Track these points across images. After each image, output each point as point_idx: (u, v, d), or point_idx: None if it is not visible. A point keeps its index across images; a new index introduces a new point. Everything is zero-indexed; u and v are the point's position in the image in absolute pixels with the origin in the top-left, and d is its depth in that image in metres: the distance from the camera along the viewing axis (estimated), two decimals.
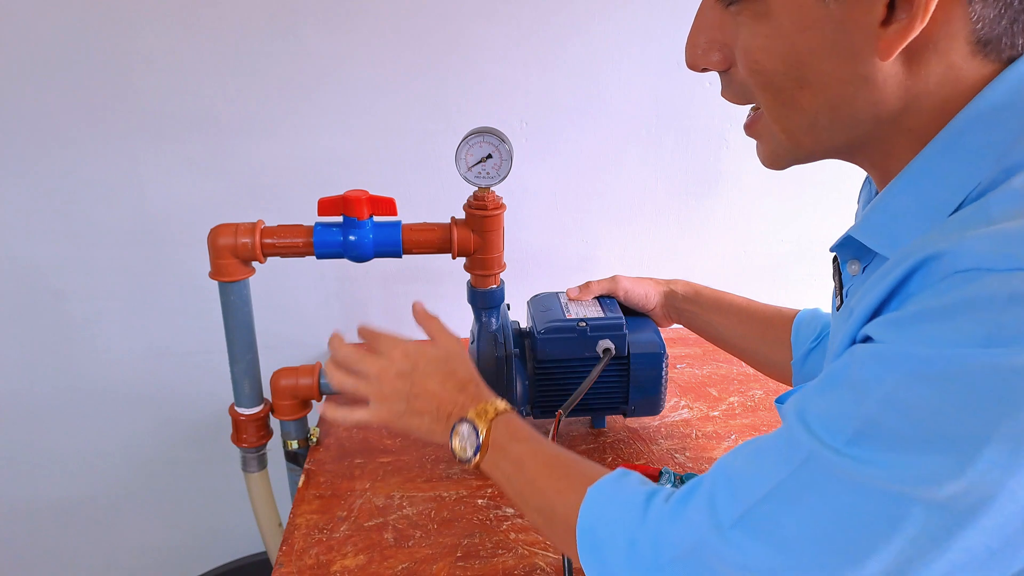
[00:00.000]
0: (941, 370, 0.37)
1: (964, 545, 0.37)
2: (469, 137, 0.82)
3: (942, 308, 0.38)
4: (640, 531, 0.49)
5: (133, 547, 1.40)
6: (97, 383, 1.26)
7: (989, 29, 0.42)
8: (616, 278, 0.96)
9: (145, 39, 1.06)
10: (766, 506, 0.42)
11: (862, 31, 0.42)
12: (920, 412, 0.37)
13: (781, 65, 0.45)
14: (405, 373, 0.70)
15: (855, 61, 0.43)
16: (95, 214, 1.15)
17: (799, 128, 0.48)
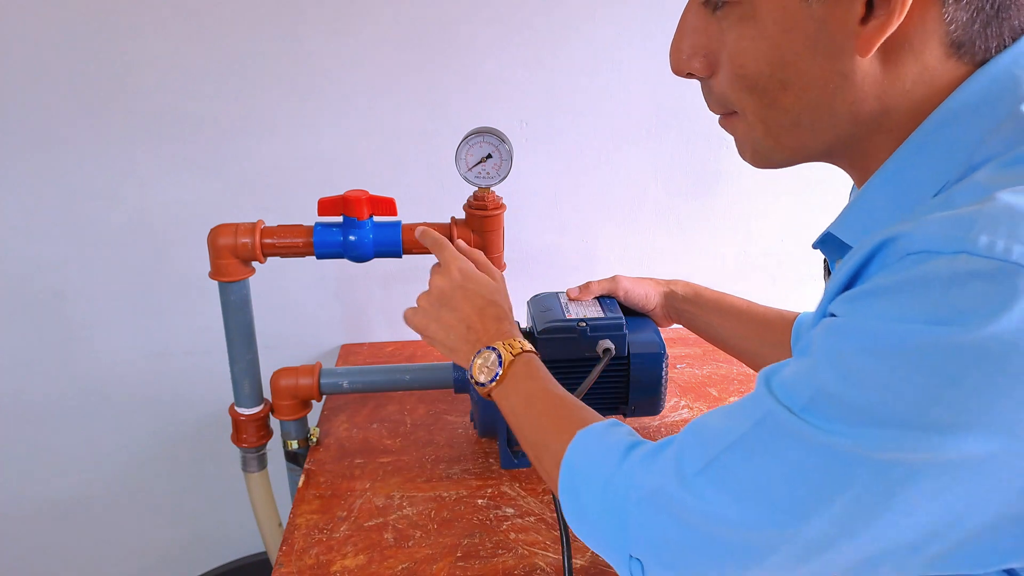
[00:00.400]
0: (888, 344, 0.39)
1: (904, 509, 0.39)
2: (469, 137, 0.82)
3: (892, 286, 0.40)
4: (615, 473, 0.53)
5: (133, 547, 1.40)
6: (97, 383, 1.26)
7: (963, 32, 0.43)
8: (616, 278, 0.96)
9: (145, 39, 1.06)
10: (726, 458, 0.45)
11: (842, 29, 0.44)
12: (867, 384, 0.39)
13: (766, 67, 0.47)
14: (455, 287, 0.73)
15: (836, 59, 0.45)
16: (95, 214, 1.15)
17: (781, 129, 0.50)
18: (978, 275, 0.37)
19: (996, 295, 0.37)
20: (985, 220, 0.38)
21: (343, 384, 0.95)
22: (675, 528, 0.47)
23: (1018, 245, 0.37)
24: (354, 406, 1.07)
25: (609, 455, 0.54)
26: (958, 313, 0.37)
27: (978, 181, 0.42)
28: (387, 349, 1.27)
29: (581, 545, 0.80)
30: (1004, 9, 0.43)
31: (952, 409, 0.37)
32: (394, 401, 1.09)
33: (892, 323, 0.39)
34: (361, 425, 1.03)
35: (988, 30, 0.44)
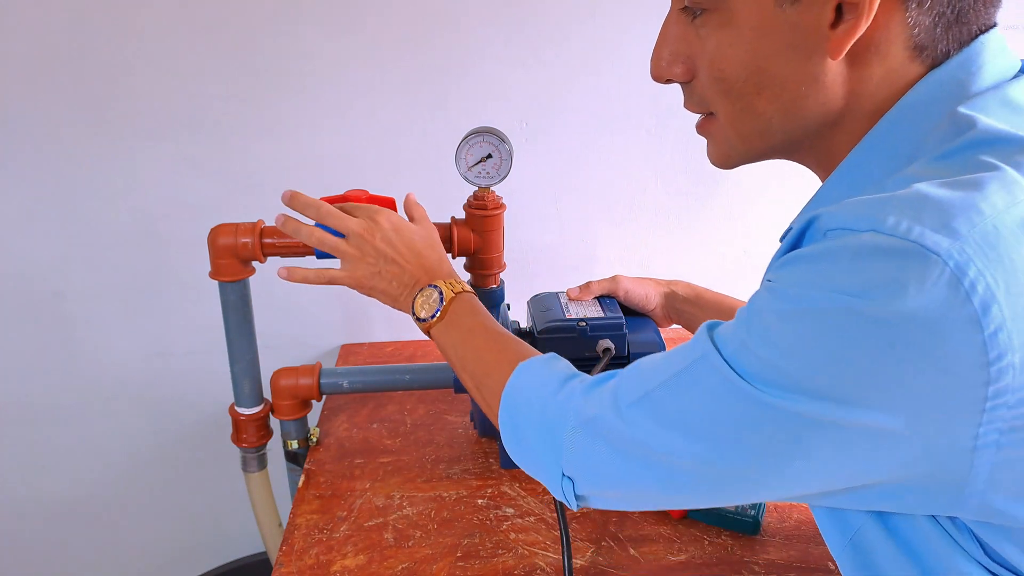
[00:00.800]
0: (799, 308, 0.42)
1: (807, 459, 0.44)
2: (469, 137, 0.82)
3: (809, 256, 0.44)
4: (552, 401, 0.57)
5: (133, 547, 1.40)
6: (97, 383, 1.26)
7: (925, 35, 0.46)
8: (617, 278, 0.96)
9: (145, 39, 1.06)
10: (660, 392, 0.49)
11: (814, 32, 0.47)
12: (779, 344, 0.43)
13: (743, 71, 0.50)
14: (389, 238, 0.73)
15: (808, 62, 0.48)
16: (95, 214, 1.15)
17: (753, 132, 0.53)
18: (882, 251, 0.40)
19: (897, 274, 0.39)
20: (896, 203, 0.41)
21: (343, 384, 0.95)
22: (607, 452, 0.52)
23: (918, 226, 0.39)
24: (354, 406, 1.08)
25: (548, 385, 0.58)
26: (862, 286, 0.40)
27: (908, 173, 0.45)
28: (387, 349, 1.27)
29: (581, 545, 0.80)
30: (964, 14, 0.46)
31: (850, 383, 0.41)
32: (394, 401, 1.09)
33: (804, 289, 0.42)
34: (361, 425, 1.03)
35: (949, 34, 0.47)
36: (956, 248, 0.38)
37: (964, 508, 0.43)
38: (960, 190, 0.41)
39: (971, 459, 0.41)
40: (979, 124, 0.44)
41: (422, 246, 0.74)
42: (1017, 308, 0.38)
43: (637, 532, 0.82)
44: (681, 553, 0.80)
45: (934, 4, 0.45)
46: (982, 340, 0.38)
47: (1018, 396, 0.39)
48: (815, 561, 0.78)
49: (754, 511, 0.81)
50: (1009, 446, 0.40)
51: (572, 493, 0.56)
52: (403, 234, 0.74)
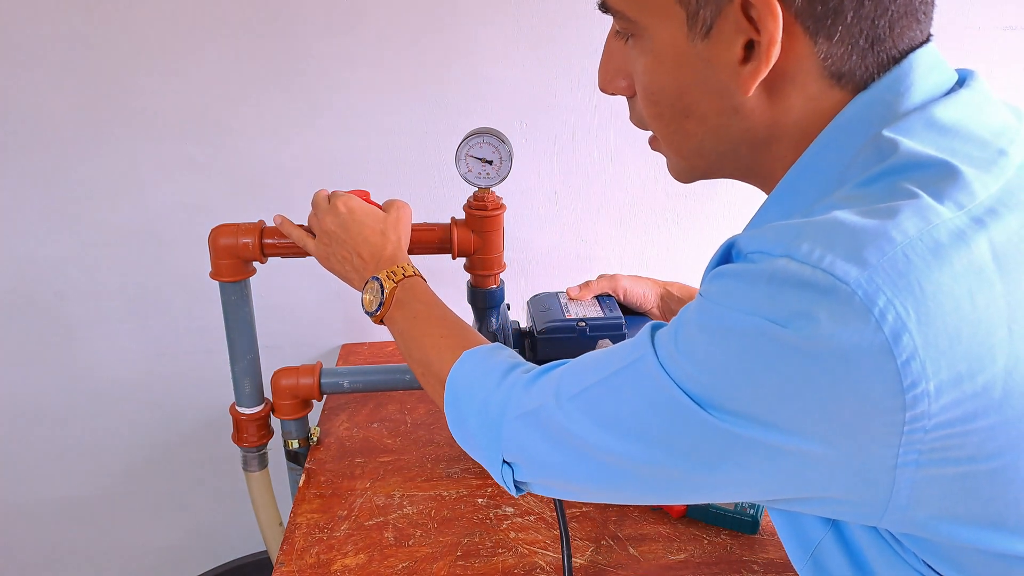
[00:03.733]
0: (724, 326, 0.43)
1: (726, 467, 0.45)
2: (469, 137, 0.83)
3: (731, 274, 0.45)
4: (494, 392, 0.58)
5: (133, 546, 1.40)
6: (98, 383, 1.26)
7: (840, 63, 0.46)
8: (616, 277, 0.96)
9: (146, 39, 1.06)
10: (598, 388, 0.50)
11: (726, 68, 0.47)
12: (705, 359, 0.44)
13: (667, 96, 0.51)
14: (342, 222, 0.76)
15: (724, 95, 0.49)
16: (96, 214, 1.15)
17: (689, 152, 0.54)
18: (795, 279, 0.40)
19: (810, 303, 0.39)
20: (812, 230, 0.41)
21: (343, 384, 0.95)
22: (545, 443, 0.53)
23: (830, 254, 0.39)
24: (354, 405, 1.08)
25: (491, 373, 0.60)
26: (778, 313, 0.40)
27: (832, 200, 0.46)
28: (387, 349, 1.27)
29: (581, 544, 0.81)
30: (879, 41, 0.45)
31: (768, 406, 0.42)
32: (394, 400, 1.09)
33: (726, 307, 0.43)
34: (361, 424, 1.03)
35: (866, 60, 0.46)
36: (865, 277, 0.39)
37: (892, 522, 0.44)
38: (874, 218, 0.41)
39: (892, 477, 0.41)
40: (901, 148, 0.44)
41: (371, 231, 0.76)
42: (929, 336, 0.38)
43: (637, 531, 0.83)
44: (680, 552, 0.80)
45: (843, 36, 0.45)
46: (895, 368, 0.38)
47: (935, 421, 0.39)
48: None
49: (753, 510, 0.82)
50: (928, 465, 0.41)
51: (511, 479, 0.57)
52: (356, 216, 0.76)
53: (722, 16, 0.46)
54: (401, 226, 0.79)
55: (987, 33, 1.17)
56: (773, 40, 0.44)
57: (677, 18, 0.48)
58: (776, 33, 0.44)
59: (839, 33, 0.45)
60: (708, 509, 0.82)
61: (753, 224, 0.54)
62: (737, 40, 0.46)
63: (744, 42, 0.46)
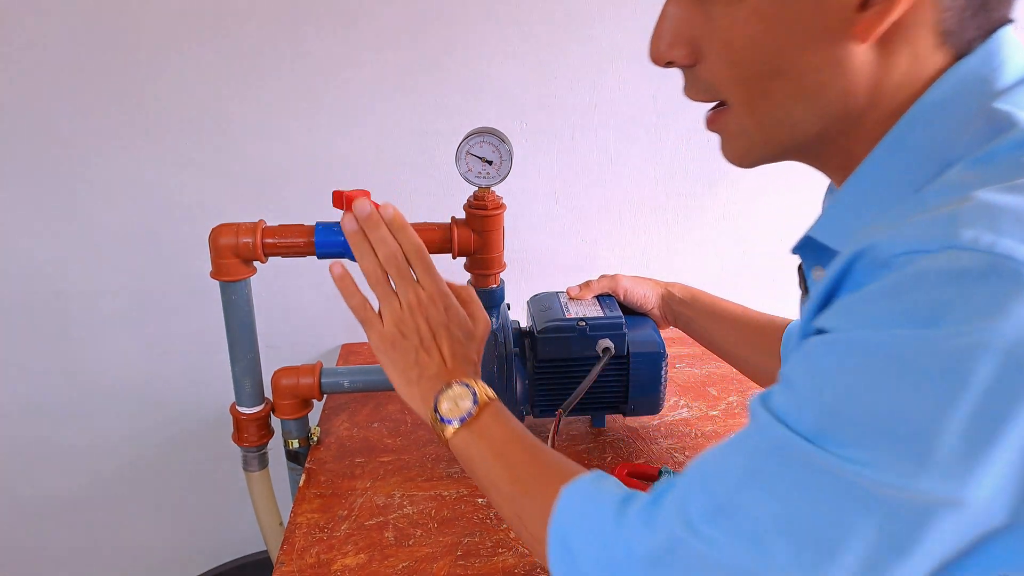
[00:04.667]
0: (888, 353, 0.37)
1: (931, 542, 0.37)
2: (469, 137, 0.83)
3: (881, 291, 0.38)
4: (614, 535, 0.48)
5: (134, 546, 1.40)
6: (98, 382, 1.26)
7: (954, 20, 0.43)
8: (616, 277, 0.97)
9: (147, 40, 1.06)
10: (737, 497, 0.41)
11: (840, 13, 0.43)
12: (874, 401, 0.37)
13: (759, 53, 0.45)
14: (442, 324, 0.65)
15: (832, 45, 0.44)
16: (96, 214, 1.15)
17: (773, 121, 0.48)
18: (969, 271, 0.35)
19: (993, 294, 0.35)
20: (966, 216, 0.37)
21: (344, 383, 0.95)
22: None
23: (1003, 238, 0.36)
24: (355, 405, 1.08)
25: (603, 513, 0.49)
26: (953, 314, 0.35)
27: (951, 180, 0.42)
28: None
29: None
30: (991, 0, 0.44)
31: (965, 428, 0.35)
32: (395, 400, 1.09)
33: (887, 330, 0.37)
34: (362, 424, 1.03)
35: (975, 20, 0.44)
36: None
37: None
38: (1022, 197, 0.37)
39: None
40: (1020, 122, 0.41)
41: (462, 349, 0.66)
42: None
43: None
44: None
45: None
46: None
47: None
48: None
49: None
50: None
51: None
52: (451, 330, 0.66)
53: None
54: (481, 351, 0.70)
55: None
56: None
57: None
58: None
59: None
60: None
61: (835, 209, 0.49)
62: None
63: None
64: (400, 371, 0.66)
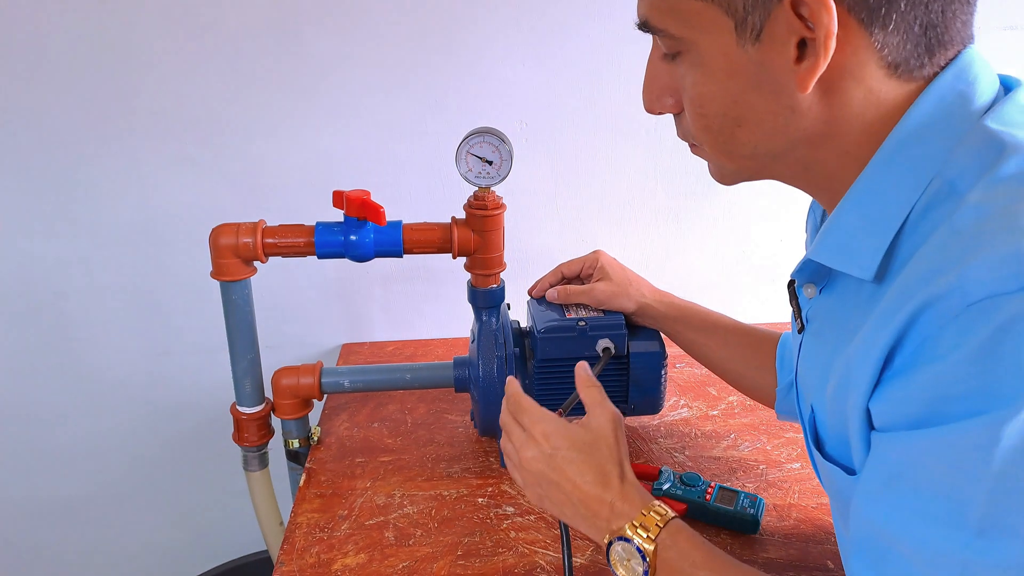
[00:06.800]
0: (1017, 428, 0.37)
1: None
2: (469, 137, 0.83)
3: (979, 347, 0.39)
4: None
5: (133, 546, 1.40)
6: (98, 383, 1.26)
7: (896, 53, 0.46)
8: (593, 288, 0.91)
9: (146, 39, 1.06)
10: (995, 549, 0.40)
11: (780, 69, 0.47)
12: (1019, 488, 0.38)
13: (720, 107, 0.51)
14: (544, 456, 0.62)
15: (780, 96, 0.48)
16: (97, 214, 1.15)
17: (742, 156, 0.53)
18: None
19: None
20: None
21: (344, 383, 0.95)
22: None
23: None
24: (355, 405, 1.08)
25: None
26: None
27: (976, 202, 0.43)
28: (388, 348, 1.27)
29: (581, 544, 0.81)
30: (932, 27, 0.46)
31: None
32: (395, 400, 1.09)
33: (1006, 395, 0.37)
34: (362, 424, 1.03)
35: (920, 47, 0.46)
36: None
37: None
38: None
39: None
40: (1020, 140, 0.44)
41: (582, 467, 0.61)
42: None
43: None
44: None
45: (898, 24, 0.45)
46: None
47: None
48: (814, 560, 0.78)
49: (753, 510, 0.82)
50: None
51: None
52: (560, 452, 0.62)
53: (772, 18, 0.45)
54: (618, 446, 0.63)
55: (987, 33, 1.16)
56: (829, 34, 0.44)
57: (725, 28, 0.47)
58: (832, 27, 0.44)
59: (894, 21, 0.45)
60: (708, 508, 0.82)
61: (832, 231, 0.51)
62: (790, 40, 0.46)
63: (797, 41, 0.45)
64: (564, 517, 0.63)
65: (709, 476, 0.90)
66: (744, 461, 0.94)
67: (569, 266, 0.96)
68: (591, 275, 0.94)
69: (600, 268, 0.93)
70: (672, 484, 0.85)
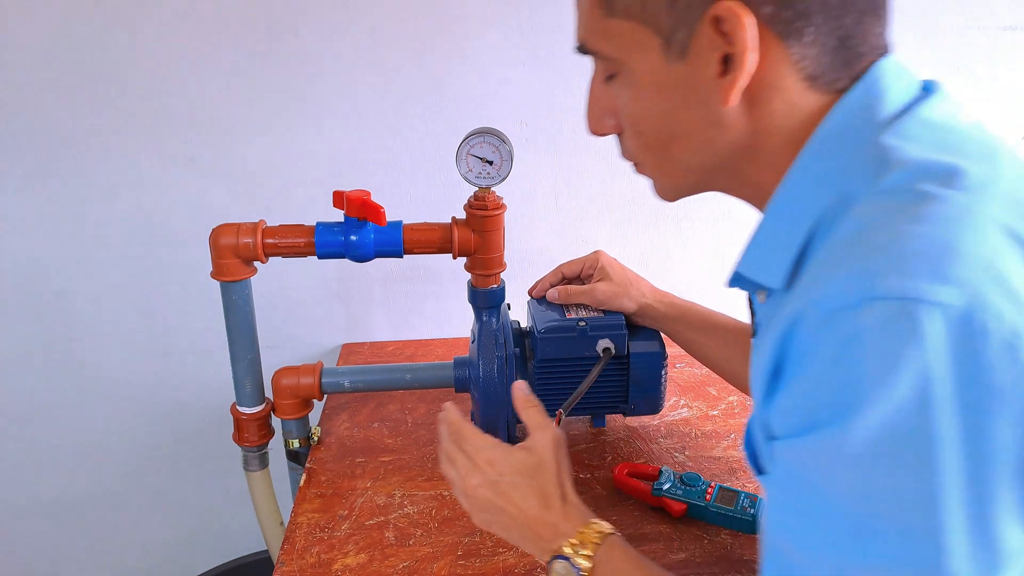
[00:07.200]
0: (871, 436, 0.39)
1: None
2: (469, 137, 0.83)
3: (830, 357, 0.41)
4: None
5: (134, 546, 1.40)
6: (99, 382, 1.26)
7: (814, 65, 0.48)
8: (594, 288, 0.91)
9: (146, 39, 1.06)
10: None
11: (706, 84, 0.49)
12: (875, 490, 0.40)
13: (654, 123, 0.53)
14: (490, 483, 0.63)
15: (706, 109, 0.50)
16: (97, 214, 1.15)
17: (677, 171, 0.56)
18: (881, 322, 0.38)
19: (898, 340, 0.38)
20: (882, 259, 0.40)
21: (344, 383, 0.95)
22: None
23: (911, 280, 0.38)
24: (355, 405, 1.08)
25: None
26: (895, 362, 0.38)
27: (856, 215, 0.45)
28: (388, 348, 1.27)
29: None
30: (848, 39, 0.47)
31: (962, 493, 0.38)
32: (395, 400, 1.09)
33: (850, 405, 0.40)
34: (362, 424, 1.03)
35: (838, 59, 0.48)
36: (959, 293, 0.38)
37: None
38: (928, 225, 0.41)
39: None
40: (904, 153, 0.45)
41: (526, 490, 0.62)
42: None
43: (637, 531, 0.83)
44: (681, 551, 0.80)
45: (814, 37, 0.47)
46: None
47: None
48: None
49: (753, 509, 0.82)
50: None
51: None
52: (505, 478, 0.63)
53: (695, 35, 0.47)
54: (559, 468, 0.64)
55: (987, 33, 1.17)
56: (746, 48, 0.46)
57: (653, 46, 0.49)
58: (748, 41, 0.45)
59: (810, 35, 0.47)
60: (708, 508, 0.83)
61: (753, 244, 0.53)
62: (713, 56, 0.47)
63: (720, 56, 0.47)
64: (511, 539, 0.64)
65: (709, 476, 0.90)
66: (744, 461, 0.94)
67: (569, 266, 0.96)
68: (591, 275, 0.94)
69: (600, 268, 0.93)
70: (672, 484, 0.85)
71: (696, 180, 0.56)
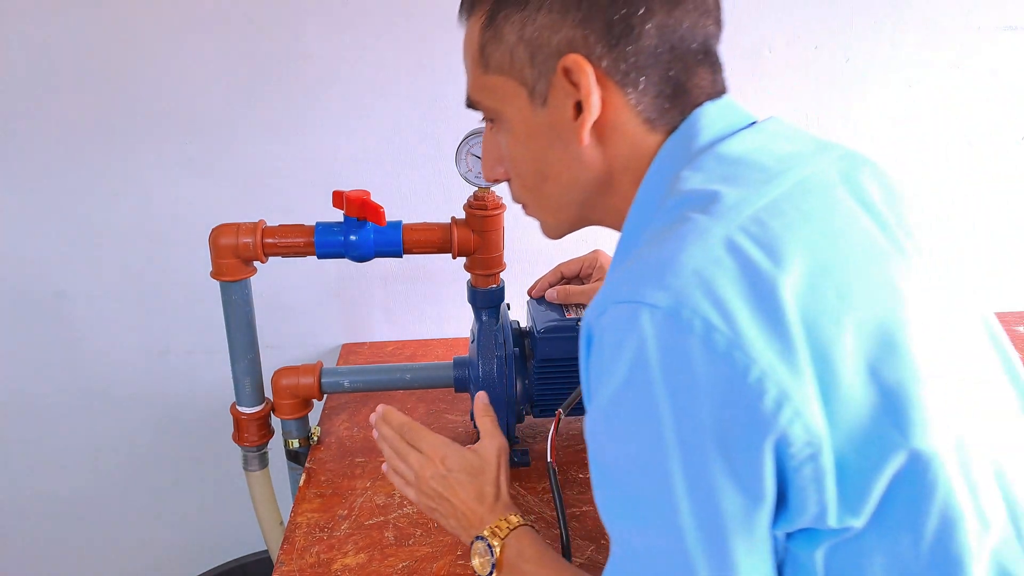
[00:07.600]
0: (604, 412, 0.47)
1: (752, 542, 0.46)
2: (469, 137, 0.83)
3: (583, 359, 0.50)
4: None
5: (134, 545, 1.40)
6: (99, 382, 1.26)
7: (651, 110, 0.55)
8: (593, 289, 0.93)
9: (146, 40, 1.06)
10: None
11: (564, 127, 0.56)
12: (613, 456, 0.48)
13: (528, 166, 0.60)
14: (440, 476, 0.72)
15: (568, 148, 0.57)
16: (97, 214, 1.15)
17: (554, 209, 0.62)
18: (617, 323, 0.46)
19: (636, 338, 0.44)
20: (627, 275, 0.47)
21: (344, 383, 0.95)
22: None
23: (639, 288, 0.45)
24: (355, 405, 1.08)
25: None
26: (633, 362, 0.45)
27: (647, 234, 0.51)
28: (388, 348, 1.27)
29: (581, 544, 0.81)
30: (680, 87, 0.54)
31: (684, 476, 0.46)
32: (395, 400, 1.09)
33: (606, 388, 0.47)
34: (362, 424, 1.03)
35: (673, 105, 0.55)
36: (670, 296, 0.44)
37: None
38: (669, 243, 0.47)
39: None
40: (682, 184, 0.51)
41: (468, 487, 0.72)
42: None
43: None
44: None
45: (648, 86, 0.53)
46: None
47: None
48: None
49: None
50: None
51: None
52: (454, 473, 0.72)
53: (552, 85, 0.54)
54: (499, 472, 0.74)
55: (987, 33, 1.17)
56: (589, 93, 0.52)
57: (521, 96, 0.57)
58: (590, 87, 0.52)
59: (643, 83, 0.53)
60: None
61: (612, 268, 0.60)
62: (568, 102, 0.54)
63: (574, 103, 0.54)
64: (447, 526, 0.73)
65: None
66: None
67: (568, 266, 0.96)
68: (590, 275, 0.94)
69: (599, 268, 0.93)
70: None
71: (573, 215, 0.62)
